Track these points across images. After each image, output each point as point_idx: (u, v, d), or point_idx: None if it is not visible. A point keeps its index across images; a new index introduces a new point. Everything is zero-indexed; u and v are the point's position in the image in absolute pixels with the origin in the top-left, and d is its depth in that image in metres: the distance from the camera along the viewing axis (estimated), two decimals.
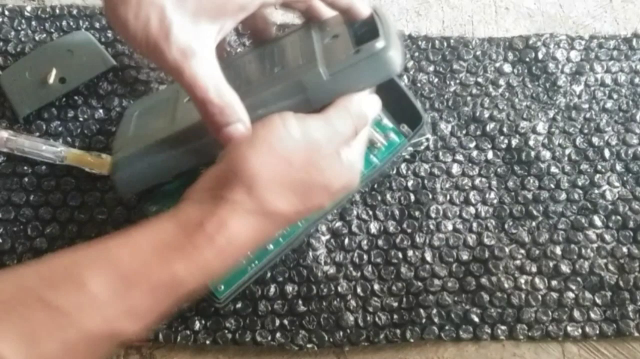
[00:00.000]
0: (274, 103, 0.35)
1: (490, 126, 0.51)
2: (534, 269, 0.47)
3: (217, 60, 0.34)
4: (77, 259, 0.30)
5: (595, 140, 0.51)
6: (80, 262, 0.29)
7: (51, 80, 0.49)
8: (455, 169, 0.49)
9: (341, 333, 0.45)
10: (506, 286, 0.46)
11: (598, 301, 0.46)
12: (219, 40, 0.35)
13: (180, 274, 0.30)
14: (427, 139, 0.49)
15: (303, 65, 0.36)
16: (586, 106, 0.52)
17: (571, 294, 0.46)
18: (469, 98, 0.51)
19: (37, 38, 0.51)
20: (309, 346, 0.44)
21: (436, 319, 0.45)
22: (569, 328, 0.46)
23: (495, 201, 0.49)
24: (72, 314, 0.28)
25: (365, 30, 0.37)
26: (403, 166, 0.49)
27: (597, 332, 0.46)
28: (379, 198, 0.48)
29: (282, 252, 0.43)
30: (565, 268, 0.47)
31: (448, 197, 0.49)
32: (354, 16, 0.38)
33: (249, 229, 0.32)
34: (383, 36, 0.35)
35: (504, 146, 0.50)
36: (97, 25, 0.52)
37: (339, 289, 0.46)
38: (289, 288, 0.45)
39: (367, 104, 0.36)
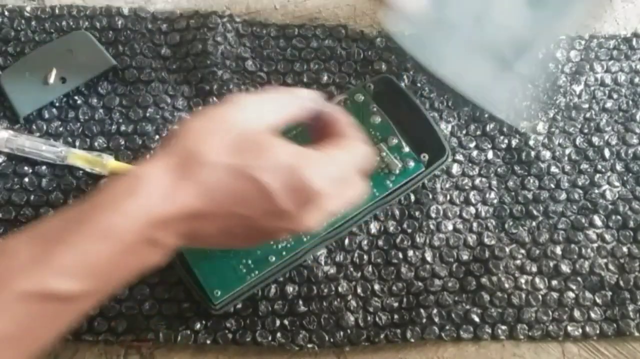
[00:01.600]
0: None
1: (490, 126, 0.51)
2: (534, 269, 0.47)
3: None
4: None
5: (595, 140, 0.51)
6: (14, 236, 0.30)
7: (51, 80, 0.49)
8: (455, 169, 0.49)
9: (341, 333, 0.45)
10: (506, 286, 0.46)
11: (598, 300, 0.46)
12: None
13: (113, 223, 0.29)
14: None
15: None
16: (586, 105, 0.52)
17: (571, 294, 0.46)
18: None
19: (37, 38, 0.51)
20: (309, 346, 0.44)
21: (436, 319, 0.45)
22: (569, 328, 0.46)
23: (495, 201, 0.49)
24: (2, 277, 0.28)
25: None
26: None
27: (598, 332, 0.46)
28: None
29: (286, 268, 0.43)
30: (565, 268, 0.47)
31: (448, 197, 0.49)
32: None
33: (169, 173, 0.31)
34: None
35: (504, 145, 0.50)
36: (97, 25, 0.52)
37: (339, 289, 0.46)
38: (289, 288, 0.45)
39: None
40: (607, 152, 0.50)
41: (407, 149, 0.45)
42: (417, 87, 0.51)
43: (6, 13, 0.52)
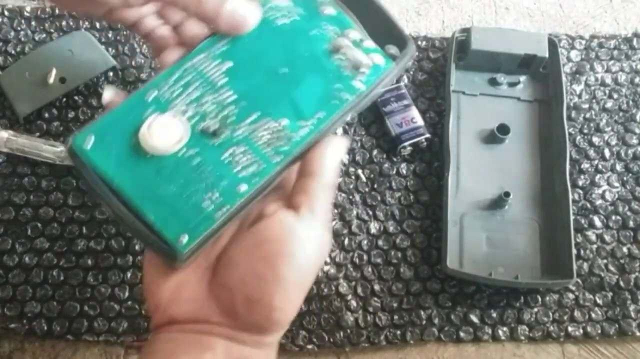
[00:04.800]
0: None
1: None
2: None
3: None
4: None
5: (595, 140, 0.51)
6: None
7: (51, 80, 0.49)
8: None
9: (341, 333, 0.45)
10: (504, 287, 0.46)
11: (599, 301, 0.46)
12: None
13: None
14: (427, 139, 0.49)
15: None
16: (586, 105, 0.52)
17: (571, 295, 0.46)
18: None
19: (37, 38, 0.51)
20: (309, 346, 0.44)
21: (436, 321, 0.45)
22: (569, 329, 0.46)
23: None
24: None
25: None
26: (403, 165, 0.49)
27: (599, 332, 0.46)
28: (379, 198, 0.48)
29: (257, 196, 0.33)
30: None
31: None
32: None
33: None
34: None
35: None
36: (97, 25, 0.52)
37: (340, 289, 0.46)
38: None
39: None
40: (607, 153, 0.50)
41: (370, 43, 0.36)
42: (417, 87, 0.51)
43: (6, 13, 0.52)
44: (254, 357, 0.31)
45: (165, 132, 0.32)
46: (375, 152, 0.49)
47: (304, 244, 0.30)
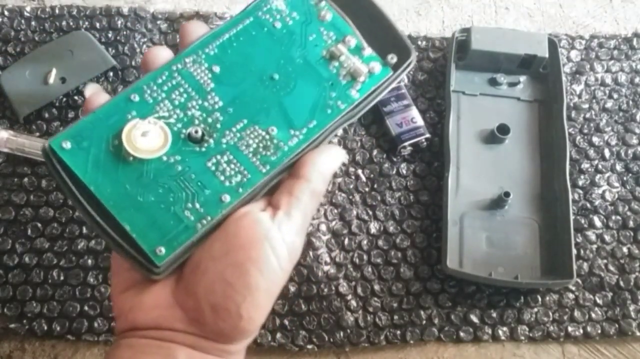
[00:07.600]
0: None
1: None
2: None
3: None
4: None
5: (595, 140, 0.51)
6: None
7: (51, 80, 0.49)
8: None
9: (341, 333, 0.45)
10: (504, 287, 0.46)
11: (599, 301, 0.46)
12: None
13: None
14: (427, 139, 0.49)
15: None
16: (586, 105, 0.52)
17: (571, 295, 0.46)
18: None
19: (37, 38, 0.51)
20: (309, 346, 0.44)
21: (436, 321, 0.45)
22: (569, 328, 0.46)
23: None
24: None
25: None
26: (403, 165, 0.49)
27: (599, 332, 0.46)
28: (379, 198, 0.48)
29: (242, 207, 0.32)
30: None
31: None
32: None
33: None
34: None
35: None
36: (97, 25, 0.52)
37: (340, 289, 0.46)
38: (289, 288, 0.45)
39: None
40: (607, 153, 0.50)
41: (369, 50, 0.35)
42: (417, 87, 0.51)
43: (6, 13, 0.52)
44: None
45: (147, 137, 0.31)
46: (375, 152, 0.49)
47: (276, 250, 0.29)
